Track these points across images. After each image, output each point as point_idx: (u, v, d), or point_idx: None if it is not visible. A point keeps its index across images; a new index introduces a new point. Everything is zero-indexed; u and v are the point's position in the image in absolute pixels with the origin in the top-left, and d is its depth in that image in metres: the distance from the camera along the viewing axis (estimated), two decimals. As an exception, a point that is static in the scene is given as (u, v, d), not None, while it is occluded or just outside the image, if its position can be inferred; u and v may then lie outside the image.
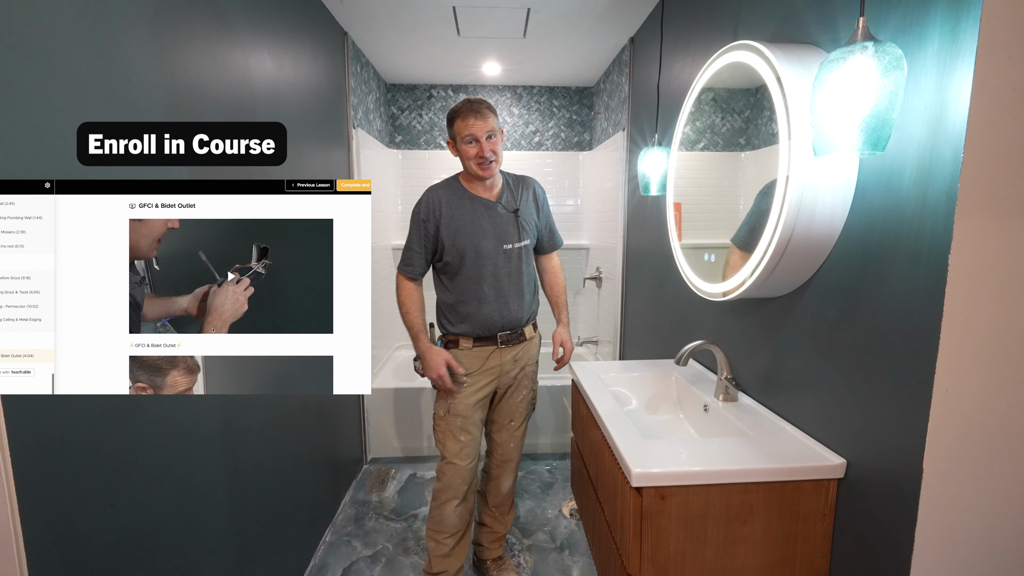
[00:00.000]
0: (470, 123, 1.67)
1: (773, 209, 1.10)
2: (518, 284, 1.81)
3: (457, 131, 1.69)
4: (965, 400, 0.83)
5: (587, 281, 3.63)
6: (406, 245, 1.79)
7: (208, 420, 1.33)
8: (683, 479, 1.08)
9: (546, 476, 2.82)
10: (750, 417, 1.31)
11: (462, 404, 1.78)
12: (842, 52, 0.81)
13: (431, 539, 1.83)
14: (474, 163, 1.70)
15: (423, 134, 3.66)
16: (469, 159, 1.71)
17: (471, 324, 1.77)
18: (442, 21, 2.50)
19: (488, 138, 1.67)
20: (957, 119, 0.78)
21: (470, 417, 1.80)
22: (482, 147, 1.68)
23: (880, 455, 0.96)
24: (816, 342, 1.14)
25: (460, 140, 1.69)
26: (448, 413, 1.79)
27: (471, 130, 1.67)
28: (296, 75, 1.95)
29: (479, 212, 1.75)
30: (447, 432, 1.80)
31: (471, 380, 1.79)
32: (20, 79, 0.81)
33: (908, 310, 0.88)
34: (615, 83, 3.02)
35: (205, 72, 1.33)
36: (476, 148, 1.68)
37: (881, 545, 0.96)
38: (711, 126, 1.50)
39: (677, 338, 1.97)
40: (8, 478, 0.80)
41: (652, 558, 1.11)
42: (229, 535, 1.44)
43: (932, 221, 0.83)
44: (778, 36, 1.28)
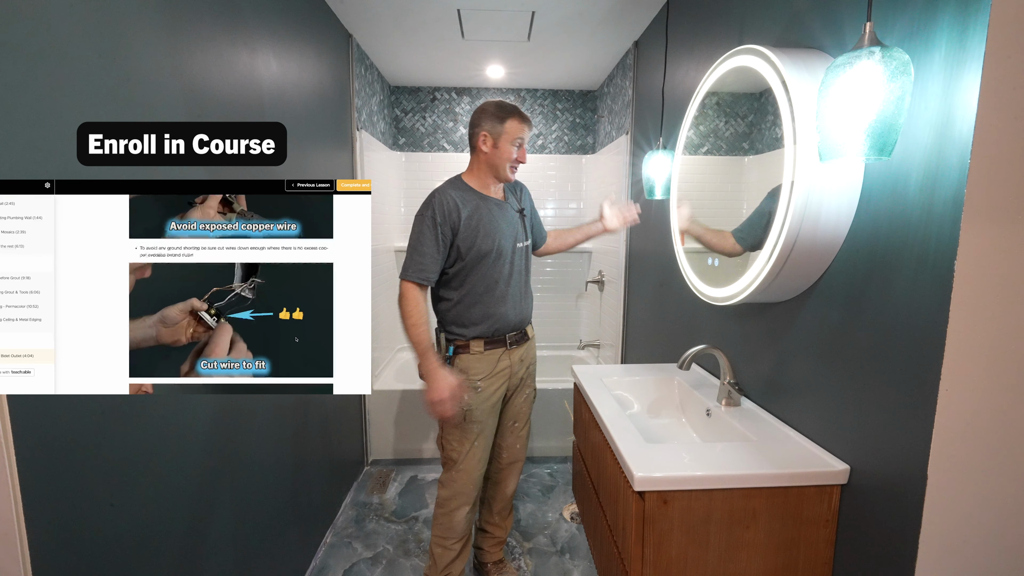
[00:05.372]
0: (524, 128, 1.70)
1: (778, 213, 1.09)
2: (527, 282, 1.84)
3: (508, 130, 1.68)
4: (970, 406, 0.82)
5: (589, 284, 3.62)
6: (414, 251, 1.66)
7: (209, 420, 1.33)
8: (686, 483, 1.07)
9: (547, 479, 2.81)
10: (753, 422, 1.31)
11: (479, 410, 1.74)
12: (849, 57, 0.80)
13: (438, 546, 1.81)
14: (511, 166, 1.72)
15: (426, 136, 3.66)
16: (507, 160, 1.70)
17: (487, 325, 1.72)
18: (446, 24, 2.51)
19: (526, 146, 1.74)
20: (964, 125, 0.77)
21: (487, 422, 1.78)
22: (523, 153, 1.72)
23: (884, 461, 0.95)
24: (820, 347, 1.14)
25: (508, 140, 1.69)
26: (465, 421, 1.74)
27: (523, 134, 1.70)
28: (301, 77, 1.95)
29: (494, 212, 1.73)
30: (463, 439, 1.75)
31: (486, 384, 1.75)
32: (20, 79, 0.81)
33: (913, 316, 0.87)
34: (619, 87, 3.01)
35: (209, 73, 1.33)
36: (519, 153, 1.71)
37: (884, 552, 0.95)
38: (715, 130, 1.50)
39: (680, 342, 1.96)
40: (13, 476, 0.80)
41: (654, 563, 1.10)
42: (230, 535, 1.43)
43: (938, 227, 0.82)
44: (783, 41, 1.28)
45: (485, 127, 1.70)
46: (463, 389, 1.67)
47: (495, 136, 1.69)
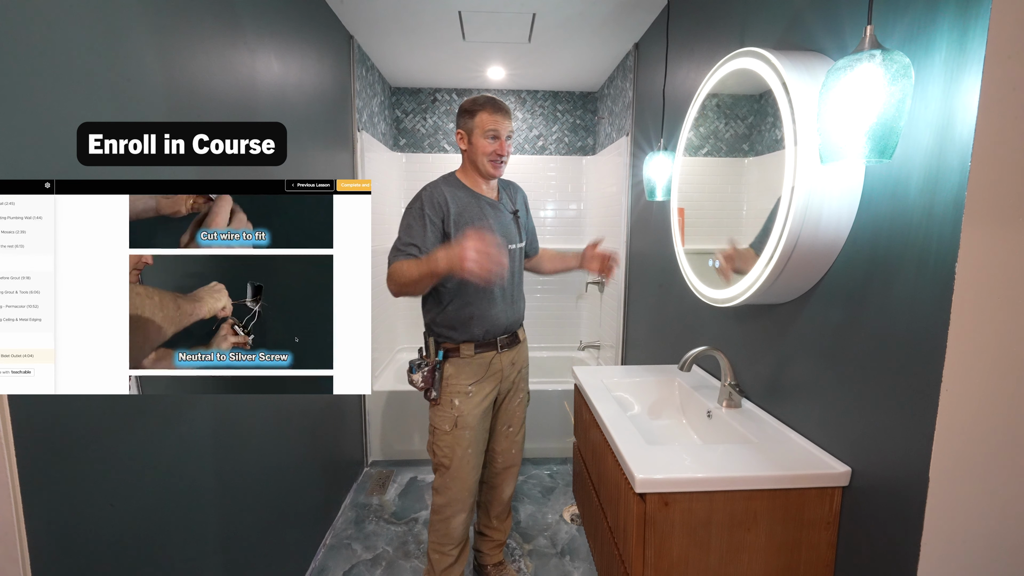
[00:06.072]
0: (497, 119, 1.63)
1: (779, 215, 1.09)
2: (520, 285, 1.82)
3: (479, 123, 1.63)
4: (972, 408, 0.82)
5: (589, 285, 3.62)
6: (402, 240, 1.59)
7: (208, 421, 1.32)
8: (687, 485, 1.07)
9: (547, 480, 2.81)
10: (754, 424, 1.30)
11: (471, 416, 1.70)
12: (850, 60, 0.81)
13: (436, 552, 1.78)
14: (488, 159, 1.66)
15: (427, 137, 3.67)
16: (485, 154, 1.65)
17: (477, 327, 1.69)
18: (448, 25, 2.51)
19: (507, 138, 1.66)
20: (964, 127, 0.77)
21: (478, 428, 1.74)
22: (502, 145, 1.65)
23: (885, 463, 0.95)
24: (821, 349, 1.14)
25: (480, 133, 1.64)
26: (456, 427, 1.69)
27: (496, 125, 1.63)
28: (302, 78, 1.96)
29: (486, 210, 1.70)
30: (454, 446, 1.70)
31: (476, 389, 1.72)
32: (20, 79, 0.81)
33: (914, 318, 0.87)
34: (619, 88, 3.02)
35: (211, 74, 1.33)
36: (496, 145, 1.64)
37: (886, 554, 0.95)
38: (715, 132, 1.50)
39: (680, 343, 1.96)
40: (13, 476, 0.80)
41: (655, 565, 1.10)
42: (229, 536, 1.43)
43: (939, 229, 0.82)
44: (784, 43, 1.28)
45: (460, 125, 1.68)
46: (480, 239, 1.35)
47: (468, 131, 1.66)
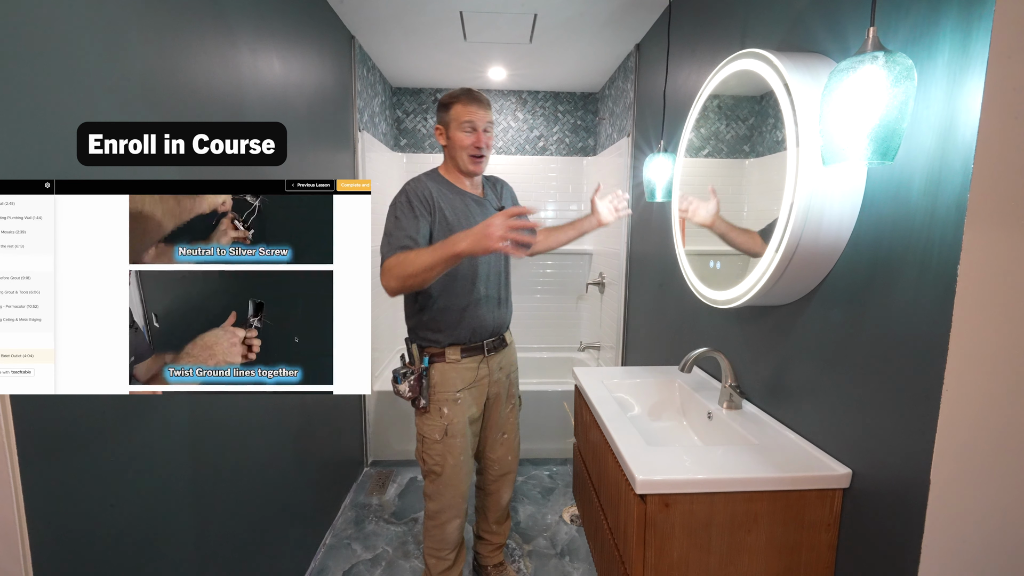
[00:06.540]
0: (472, 110, 1.58)
1: (780, 216, 1.09)
2: (506, 285, 1.78)
3: (455, 116, 1.59)
4: (973, 410, 0.81)
5: (590, 286, 3.62)
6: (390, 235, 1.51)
7: (208, 421, 1.32)
8: (687, 487, 1.07)
9: (547, 481, 2.81)
10: (754, 425, 1.30)
11: (460, 423, 1.66)
12: (852, 62, 0.80)
13: (432, 556, 1.76)
14: (467, 153, 1.61)
15: (428, 138, 3.66)
16: (463, 148, 1.60)
17: (462, 329, 1.64)
18: (449, 25, 2.51)
19: (485, 130, 1.60)
20: (967, 129, 0.77)
21: (468, 433, 1.70)
22: (479, 137, 1.59)
23: (886, 465, 0.95)
24: (822, 350, 1.13)
25: (456, 126, 1.59)
26: (446, 436, 1.65)
27: (472, 116, 1.58)
28: (303, 78, 1.96)
29: (471, 207, 1.65)
30: (446, 455, 1.66)
31: (465, 396, 1.67)
32: (20, 79, 0.81)
33: (916, 320, 0.87)
34: (620, 89, 3.01)
35: (211, 74, 1.33)
36: (473, 137, 1.59)
37: (887, 556, 0.95)
38: (716, 133, 1.49)
39: (681, 344, 1.96)
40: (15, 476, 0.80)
41: (655, 566, 1.09)
42: (229, 536, 1.43)
43: (941, 231, 0.82)
44: (786, 45, 1.27)
45: (438, 120, 1.65)
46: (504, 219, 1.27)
47: (445, 125, 1.62)
